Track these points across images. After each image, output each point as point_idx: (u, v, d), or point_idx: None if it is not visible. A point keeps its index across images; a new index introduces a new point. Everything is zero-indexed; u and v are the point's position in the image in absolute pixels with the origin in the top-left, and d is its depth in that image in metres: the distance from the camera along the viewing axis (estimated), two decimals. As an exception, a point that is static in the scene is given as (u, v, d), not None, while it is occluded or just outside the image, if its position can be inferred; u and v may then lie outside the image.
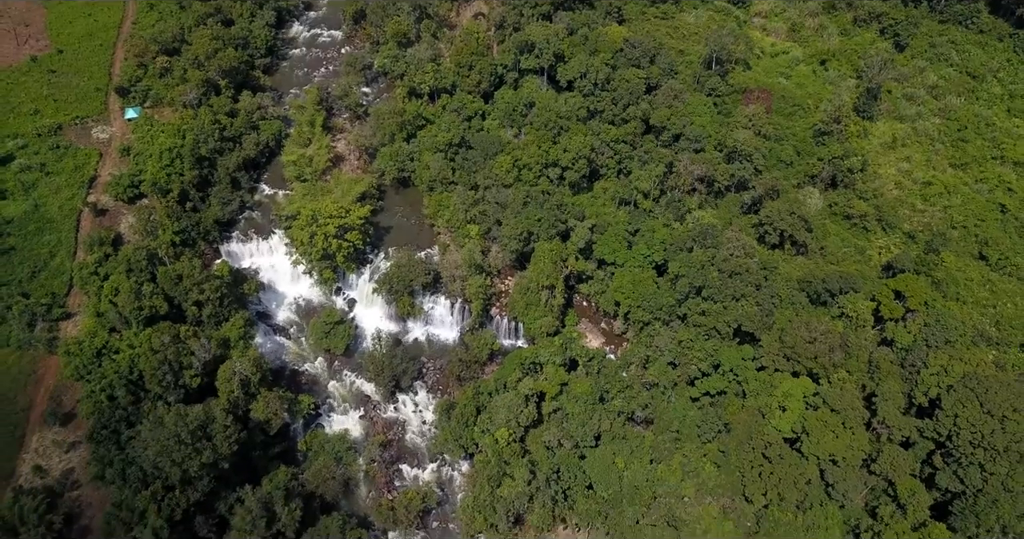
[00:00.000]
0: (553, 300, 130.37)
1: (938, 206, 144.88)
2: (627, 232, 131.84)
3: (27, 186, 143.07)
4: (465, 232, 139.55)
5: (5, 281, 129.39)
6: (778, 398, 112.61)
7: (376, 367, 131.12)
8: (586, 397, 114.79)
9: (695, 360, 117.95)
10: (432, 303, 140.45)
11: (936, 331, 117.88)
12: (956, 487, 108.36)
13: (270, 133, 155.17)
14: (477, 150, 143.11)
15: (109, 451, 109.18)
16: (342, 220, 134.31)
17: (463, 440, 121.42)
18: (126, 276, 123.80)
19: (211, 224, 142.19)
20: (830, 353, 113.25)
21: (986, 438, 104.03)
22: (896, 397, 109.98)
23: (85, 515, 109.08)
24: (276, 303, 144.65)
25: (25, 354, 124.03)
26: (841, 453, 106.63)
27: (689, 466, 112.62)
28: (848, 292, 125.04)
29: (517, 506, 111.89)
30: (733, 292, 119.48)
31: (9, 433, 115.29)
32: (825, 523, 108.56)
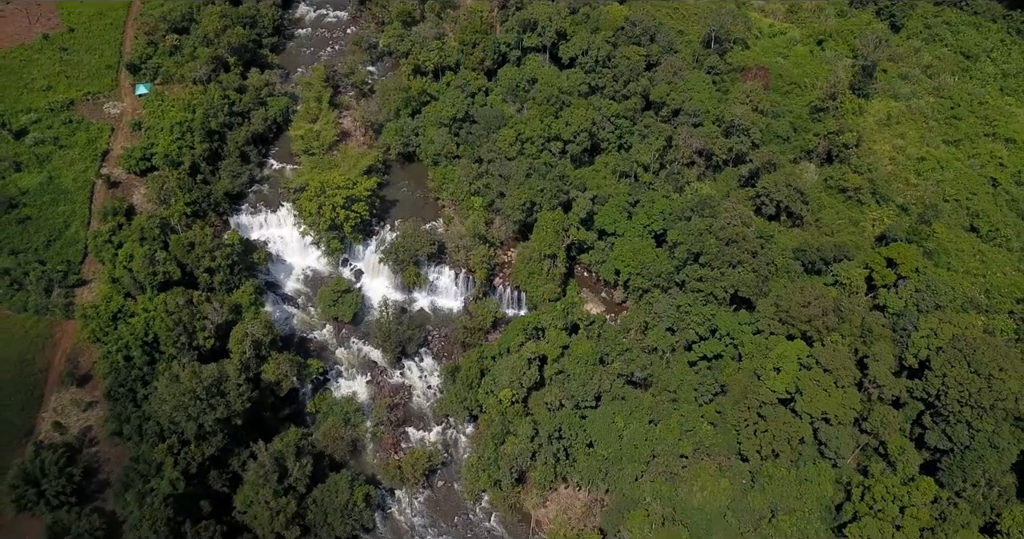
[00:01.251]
0: (555, 269, 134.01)
1: (931, 180, 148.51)
2: (627, 203, 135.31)
3: (41, 159, 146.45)
4: (469, 204, 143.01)
5: (22, 249, 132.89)
6: (773, 360, 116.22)
7: (383, 334, 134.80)
8: (587, 359, 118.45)
9: (693, 325, 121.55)
10: (437, 273, 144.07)
11: (927, 296, 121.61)
12: (944, 445, 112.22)
13: (278, 109, 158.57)
14: (481, 124, 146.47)
15: (126, 408, 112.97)
16: (349, 191, 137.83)
17: (467, 402, 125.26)
18: (140, 244, 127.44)
19: (221, 196, 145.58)
20: (823, 317, 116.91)
21: (973, 396, 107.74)
22: (887, 358, 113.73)
23: (103, 470, 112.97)
24: (285, 274, 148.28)
25: (42, 319, 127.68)
26: (833, 411, 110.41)
27: (686, 425, 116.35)
28: (842, 260, 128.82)
29: (520, 463, 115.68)
30: (730, 259, 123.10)
31: (28, 393, 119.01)
32: (818, 479, 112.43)
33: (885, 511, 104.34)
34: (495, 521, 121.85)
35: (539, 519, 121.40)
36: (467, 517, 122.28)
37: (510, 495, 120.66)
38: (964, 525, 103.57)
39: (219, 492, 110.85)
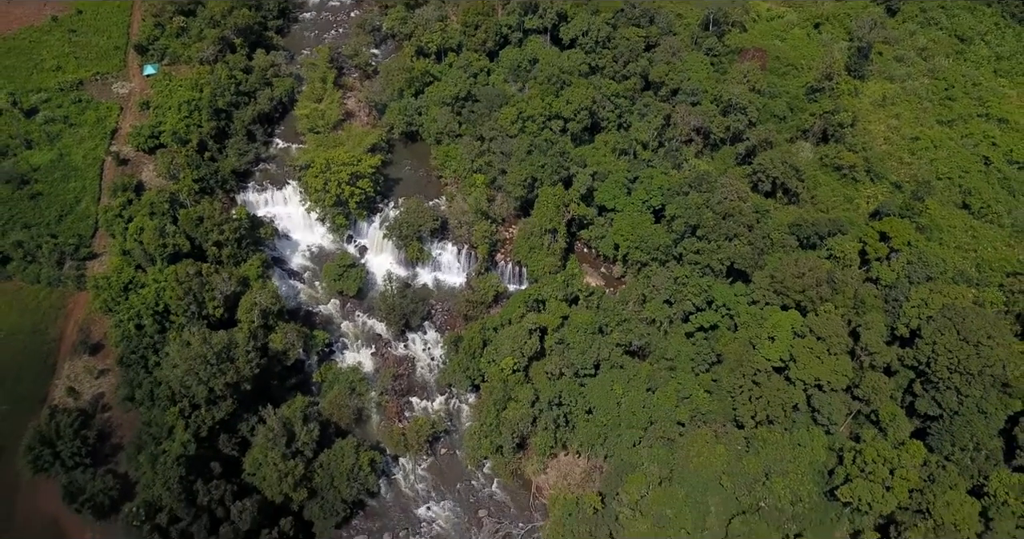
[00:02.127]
0: (555, 244, 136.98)
1: (924, 159, 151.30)
2: (626, 180, 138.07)
3: (52, 137, 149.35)
4: (471, 181, 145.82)
5: (34, 223, 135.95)
6: (767, 329, 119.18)
7: (387, 307, 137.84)
8: (586, 327, 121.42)
9: (690, 296, 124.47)
10: (440, 249, 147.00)
11: (918, 268, 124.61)
12: (934, 411, 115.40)
13: (283, 89, 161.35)
14: (483, 103, 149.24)
15: (138, 374, 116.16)
16: (354, 168, 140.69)
17: (470, 371, 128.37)
18: (149, 218, 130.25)
19: (228, 173, 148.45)
20: (817, 287, 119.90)
21: (962, 363, 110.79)
22: (879, 327, 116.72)
23: (115, 434, 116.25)
24: (291, 250, 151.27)
25: (55, 291, 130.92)
26: (826, 377, 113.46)
27: (683, 393, 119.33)
28: (836, 235, 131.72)
29: (521, 429, 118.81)
30: (726, 232, 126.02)
31: (42, 361, 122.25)
32: (811, 444, 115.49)
33: (875, 473, 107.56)
34: (497, 487, 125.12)
35: (539, 485, 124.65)
36: (469, 483, 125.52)
37: (511, 462, 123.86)
38: (952, 486, 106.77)
39: (229, 456, 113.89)
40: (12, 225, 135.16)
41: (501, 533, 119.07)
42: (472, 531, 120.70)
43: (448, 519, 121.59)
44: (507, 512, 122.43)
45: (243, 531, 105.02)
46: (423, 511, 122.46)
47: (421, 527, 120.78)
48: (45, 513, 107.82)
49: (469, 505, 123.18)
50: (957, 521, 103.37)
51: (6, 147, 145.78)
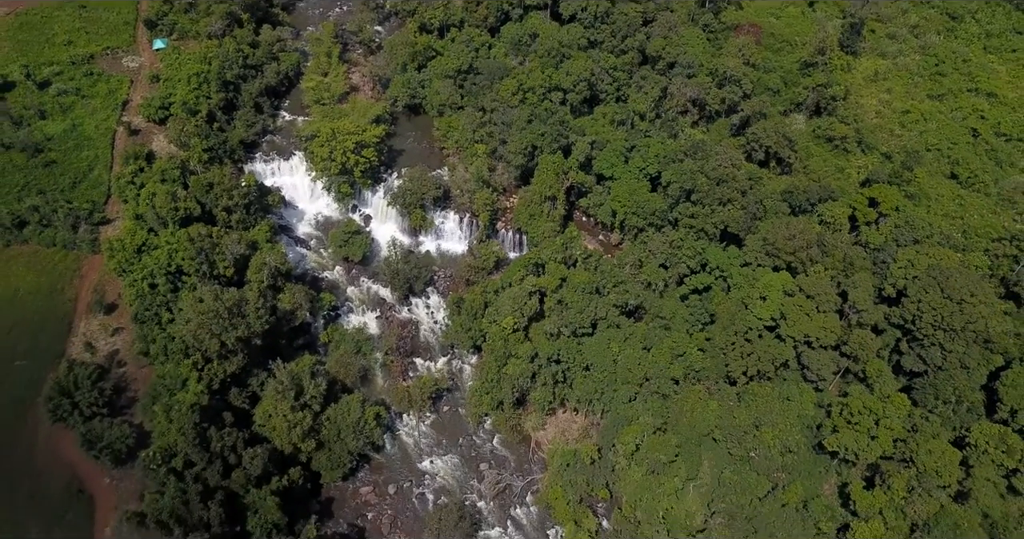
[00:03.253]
0: (555, 211, 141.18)
1: (914, 131, 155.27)
2: (624, 148, 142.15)
3: (65, 108, 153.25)
4: (473, 151, 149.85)
5: (49, 189, 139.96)
6: (759, 290, 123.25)
7: (391, 272, 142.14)
8: (584, 287, 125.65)
9: (684, 259, 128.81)
10: (442, 218, 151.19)
11: (905, 231, 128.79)
12: (919, 367, 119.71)
13: (289, 63, 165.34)
14: (484, 75, 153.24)
15: (152, 330, 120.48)
16: (359, 137, 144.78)
17: (472, 332, 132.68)
18: (161, 183, 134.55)
19: (236, 144, 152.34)
20: (807, 249, 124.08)
21: (946, 320, 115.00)
22: (867, 285, 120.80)
23: (130, 389, 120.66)
24: (297, 219, 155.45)
25: (69, 254, 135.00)
26: (815, 334, 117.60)
27: (677, 351, 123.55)
28: (827, 201, 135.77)
29: (521, 384, 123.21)
30: (720, 197, 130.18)
31: (59, 320, 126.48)
32: (800, 399, 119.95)
33: (861, 423, 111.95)
34: (497, 442, 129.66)
35: (539, 440, 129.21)
36: (471, 439, 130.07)
37: (511, 418, 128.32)
38: (935, 436, 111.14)
39: (239, 408, 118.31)
40: (28, 191, 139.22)
41: (502, 484, 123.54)
42: (473, 483, 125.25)
43: (450, 472, 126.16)
44: (507, 465, 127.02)
45: (254, 476, 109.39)
46: (427, 464, 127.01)
47: (424, 479, 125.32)
48: (64, 460, 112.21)
49: (471, 459, 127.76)
50: (939, 468, 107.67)
51: (20, 117, 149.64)
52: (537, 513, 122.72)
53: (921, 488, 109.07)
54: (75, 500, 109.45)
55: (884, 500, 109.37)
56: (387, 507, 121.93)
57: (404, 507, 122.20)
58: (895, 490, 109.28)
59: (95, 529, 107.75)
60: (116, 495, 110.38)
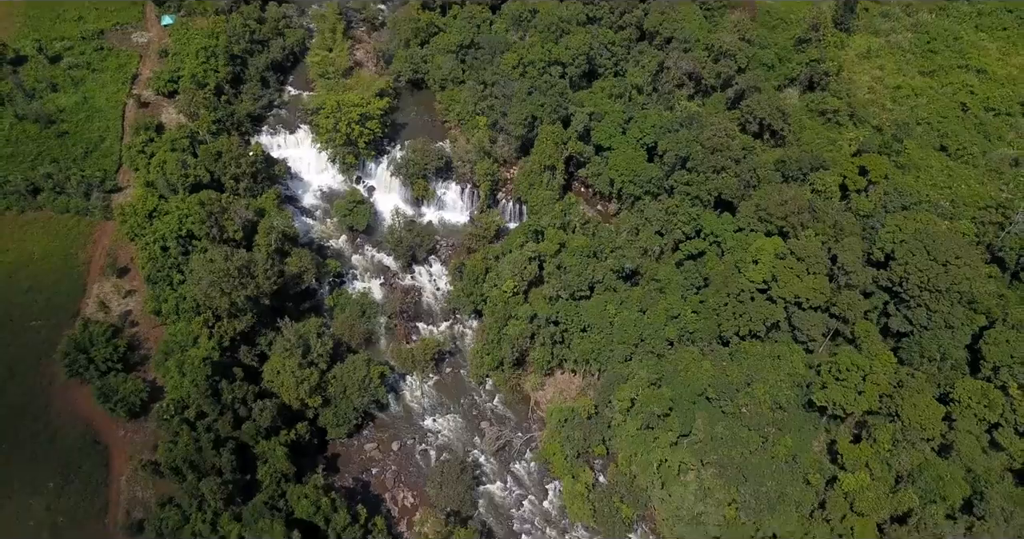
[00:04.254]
0: (554, 181, 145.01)
1: (905, 106, 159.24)
2: (622, 120, 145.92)
3: (76, 81, 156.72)
4: (474, 123, 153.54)
5: (62, 158, 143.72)
6: (752, 254, 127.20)
7: (394, 240, 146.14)
8: (582, 251, 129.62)
9: (680, 225, 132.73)
10: (444, 189, 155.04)
11: (894, 198, 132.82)
12: (905, 328, 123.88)
13: (295, 39, 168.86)
14: (485, 50, 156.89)
15: (164, 291, 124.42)
16: (363, 108, 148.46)
17: (473, 296, 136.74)
18: (171, 152, 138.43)
19: (243, 116, 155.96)
20: (799, 214, 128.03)
21: (931, 281, 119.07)
22: (855, 249, 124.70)
23: (143, 347, 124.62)
24: (302, 190, 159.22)
25: (82, 220, 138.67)
26: (805, 294, 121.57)
27: (672, 312, 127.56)
28: (818, 170, 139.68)
29: (521, 344, 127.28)
30: (714, 165, 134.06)
31: (73, 282, 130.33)
32: (790, 357, 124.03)
33: (848, 379, 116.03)
34: (498, 402, 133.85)
35: (538, 400, 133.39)
36: (472, 398, 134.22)
37: (511, 378, 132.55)
38: (919, 391, 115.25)
39: (249, 366, 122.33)
40: (41, 160, 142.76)
41: (502, 441, 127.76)
42: (475, 440, 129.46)
43: (452, 429, 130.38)
44: (507, 423, 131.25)
45: (263, 428, 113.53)
46: (429, 422, 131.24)
47: (427, 437, 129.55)
48: (79, 414, 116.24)
49: (472, 417, 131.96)
50: (923, 421, 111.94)
51: (33, 90, 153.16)
52: (536, 468, 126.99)
53: (906, 441, 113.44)
54: (91, 451, 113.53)
55: (870, 452, 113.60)
56: (391, 463, 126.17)
57: (407, 463, 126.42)
58: (880, 443, 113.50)
59: (111, 478, 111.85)
60: (130, 446, 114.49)
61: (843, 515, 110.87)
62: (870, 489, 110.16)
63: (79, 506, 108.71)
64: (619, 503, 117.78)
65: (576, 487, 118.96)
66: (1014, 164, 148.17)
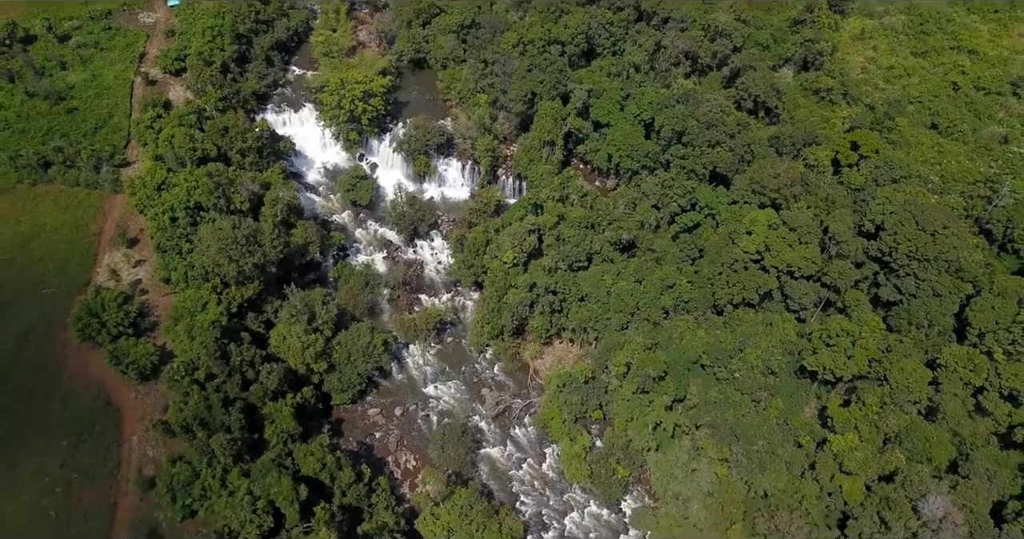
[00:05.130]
0: (553, 156, 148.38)
1: (898, 85, 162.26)
2: (620, 97, 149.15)
3: (85, 59, 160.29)
4: (475, 101, 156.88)
5: (72, 133, 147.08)
6: (746, 225, 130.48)
7: (397, 214, 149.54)
8: (581, 222, 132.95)
9: (675, 197, 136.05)
10: (445, 165, 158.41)
11: (884, 172, 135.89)
12: (894, 297, 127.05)
13: (299, 20, 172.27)
14: (486, 29, 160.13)
15: (173, 259, 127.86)
16: (367, 86, 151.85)
17: (474, 268, 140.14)
18: (179, 127, 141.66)
19: (249, 94, 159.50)
20: (791, 187, 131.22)
21: (920, 250, 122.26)
22: (846, 219, 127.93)
23: (153, 314, 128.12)
24: (307, 167, 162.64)
25: (93, 193, 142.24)
26: (797, 263, 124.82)
27: (667, 282, 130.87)
28: (811, 145, 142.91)
29: (520, 312, 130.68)
30: (709, 139, 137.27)
31: (84, 251, 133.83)
32: (782, 325, 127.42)
33: (838, 345, 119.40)
34: (498, 370, 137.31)
35: (536, 368, 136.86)
36: (473, 366, 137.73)
37: (511, 346, 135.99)
38: (907, 355, 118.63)
39: (255, 333, 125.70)
40: (51, 135, 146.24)
41: (501, 406, 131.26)
42: (476, 407, 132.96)
43: (454, 396, 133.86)
44: (507, 390, 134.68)
45: (270, 390, 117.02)
46: (431, 389, 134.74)
47: (429, 403, 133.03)
48: (92, 377, 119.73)
49: (473, 385, 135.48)
50: (910, 384, 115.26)
51: (43, 68, 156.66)
52: (535, 433, 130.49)
53: (893, 404, 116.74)
54: (103, 412, 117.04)
55: (858, 415, 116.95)
56: (394, 427, 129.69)
57: (410, 428, 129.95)
58: (869, 406, 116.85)
59: (122, 438, 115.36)
60: (141, 408, 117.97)
61: (832, 475, 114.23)
62: (858, 450, 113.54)
63: (92, 464, 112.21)
64: (615, 465, 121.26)
65: (574, 449, 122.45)
66: (1003, 141, 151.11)
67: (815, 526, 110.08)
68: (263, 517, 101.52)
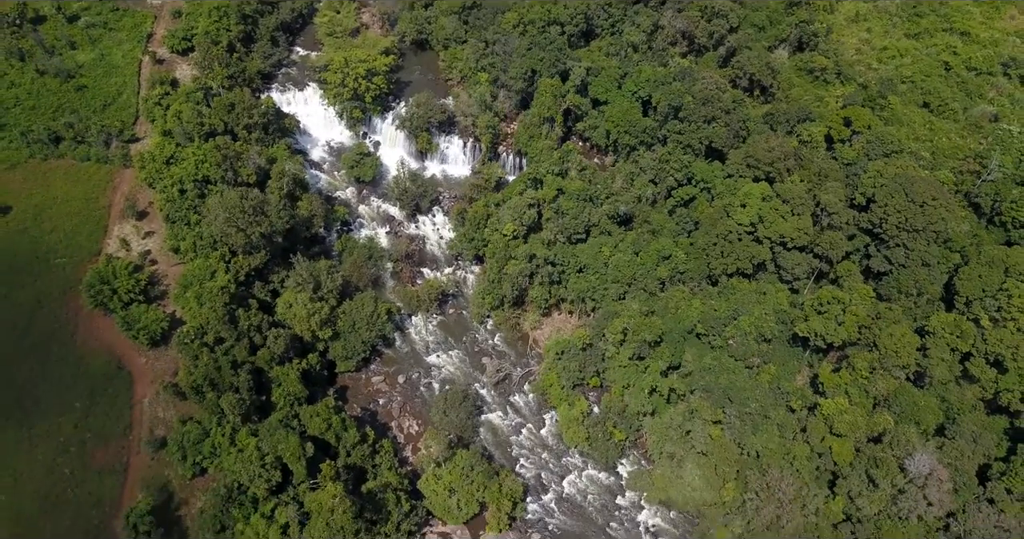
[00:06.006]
0: (553, 132, 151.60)
1: (891, 65, 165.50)
2: (618, 75, 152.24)
3: (93, 39, 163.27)
4: (476, 80, 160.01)
5: (82, 110, 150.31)
6: (740, 198, 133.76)
7: (399, 190, 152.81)
8: (579, 194, 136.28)
9: (672, 172, 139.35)
10: (447, 143, 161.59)
11: (876, 146, 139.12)
12: (885, 268, 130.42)
13: (303, 1, 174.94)
14: (487, 9, 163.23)
15: (182, 230, 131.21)
16: (370, 64, 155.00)
17: (475, 241, 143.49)
18: (186, 103, 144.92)
19: (254, 74, 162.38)
20: (785, 160, 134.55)
21: (909, 221, 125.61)
22: (838, 191, 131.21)
23: (162, 283, 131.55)
24: (311, 145, 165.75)
25: (102, 167, 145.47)
26: (790, 234, 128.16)
27: (664, 253, 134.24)
28: (805, 122, 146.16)
29: (520, 282, 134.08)
30: (705, 115, 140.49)
31: (95, 223, 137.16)
32: (775, 294, 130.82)
33: (829, 311, 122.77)
34: (498, 340, 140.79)
35: (536, 338, 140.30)
36: (474, 336, 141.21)
37: (511, 317, 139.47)
38: (896, 321, 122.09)
39: (262, 301, 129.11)
40: (61, 112, 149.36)
41: (502, 373, 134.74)
42: (477, 375, 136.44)
43: (455, 364, 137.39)
44: (507, 358, 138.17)
45: (277, 355, 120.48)
46: (433, 358, 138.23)
47: (432, 371, 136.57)
48: (104, 342, 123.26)
49: (474, 354, 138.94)
50: (899, 349, 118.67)
51: (52, 47, 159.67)
52: (534, 400, 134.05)
53: (882, 368, 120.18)
54: (115, 376, 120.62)
55: (848, 379, 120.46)
56: (397, 394, 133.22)
57: (413, 394, 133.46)
58: (859, 370, 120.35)
59: (134, 401, 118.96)
60: (152, 372, 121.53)
61: (822, 437, 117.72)
62: (848, 413, 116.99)
63: (105, 425, 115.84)
64: (612, 429, 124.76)
65: (572, 413, 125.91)
66: (993, 119, 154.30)
67: (805, 484, 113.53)
68: (271, 472, 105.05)
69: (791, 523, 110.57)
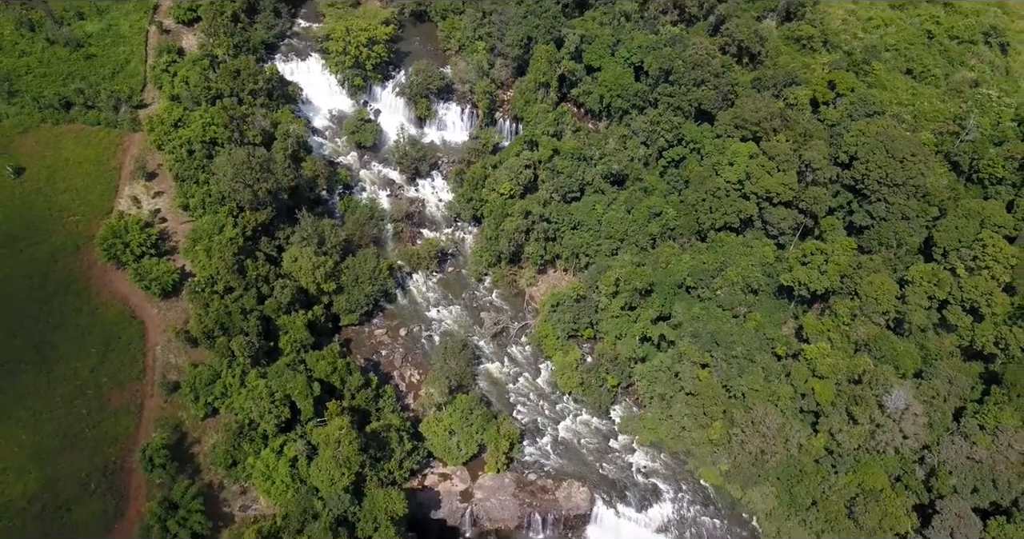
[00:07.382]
0: (548, 97, 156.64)
1: (875, 35, 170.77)
2: (611, 42, 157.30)
3: (101, 10, 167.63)
4: (473, 48, 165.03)
5: (91, 77, 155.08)
6: (728, 157, 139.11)
7: (399, 154, 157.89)
8: (574, 153, 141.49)
9: (662, 133, 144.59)
10: (445, 109, 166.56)
11: (859, 107, 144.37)
12: (867, 222, 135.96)
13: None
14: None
15: (191, 188, 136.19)
16: (371, 33, 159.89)
17: (473, 201, 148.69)
18: (193, 69, 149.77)
19: (258, 43, 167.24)
20: (771, 120, 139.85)
21: (889, 176, 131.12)
22: (822, 149, 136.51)
23: (172, 239, 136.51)
24: (313, 113, 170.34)
25: (112, 131, 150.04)
26: (775, 189, 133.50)
27: (655, 210, 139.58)
28: (791, 85, 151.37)
29: (517, 238, 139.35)
30: (695, 78, 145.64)
31: (106, 183, 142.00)
32: (762, 248, 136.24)
33: (812, 262, 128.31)
34: (496, 296, 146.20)
35: (532, 294, 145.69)
36: (473, 293, 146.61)
37: (508, 274, 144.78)
38: (876, 270, 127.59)
39: (269, 256, 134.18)
40: (71, 79, 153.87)
41: (499, 325, 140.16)
42: (475, 328, 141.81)
43: (455, 318, 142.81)
44: (504, 313, 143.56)
45: (284, 304, 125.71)
46: (434, 313, 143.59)
47: (432, 324, 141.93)
48: (117, 293, 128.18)
49: (472, 309, 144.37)
50: (878, 296, 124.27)
51: (61, 18, 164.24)
52: (530, 351, 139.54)
53: (863, 315, 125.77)
54: (128, 324, 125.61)
55: (831, 325, 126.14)
56: (399, 346, 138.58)
57: (414, 346, 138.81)
58: (840, 317, 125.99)
59: (147, 348, 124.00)
60: (164, 321, 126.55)
61: (805, 379, 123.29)
62: (830, 356, 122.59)
63: (120, 370, 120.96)
64: (605, 375, 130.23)
65: (566, 360, 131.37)
66: (973, 85, 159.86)
67: (788, 420, 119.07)
68: (280, 408, 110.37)
69: (775, 457, 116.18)
